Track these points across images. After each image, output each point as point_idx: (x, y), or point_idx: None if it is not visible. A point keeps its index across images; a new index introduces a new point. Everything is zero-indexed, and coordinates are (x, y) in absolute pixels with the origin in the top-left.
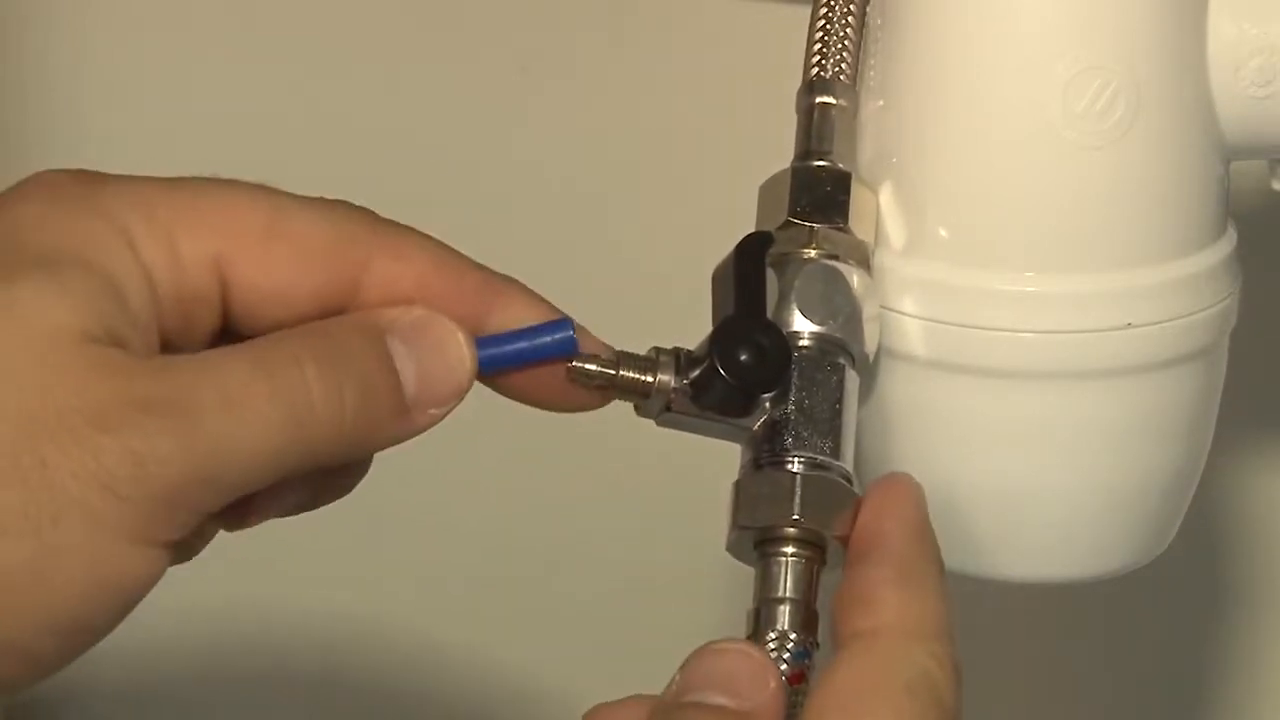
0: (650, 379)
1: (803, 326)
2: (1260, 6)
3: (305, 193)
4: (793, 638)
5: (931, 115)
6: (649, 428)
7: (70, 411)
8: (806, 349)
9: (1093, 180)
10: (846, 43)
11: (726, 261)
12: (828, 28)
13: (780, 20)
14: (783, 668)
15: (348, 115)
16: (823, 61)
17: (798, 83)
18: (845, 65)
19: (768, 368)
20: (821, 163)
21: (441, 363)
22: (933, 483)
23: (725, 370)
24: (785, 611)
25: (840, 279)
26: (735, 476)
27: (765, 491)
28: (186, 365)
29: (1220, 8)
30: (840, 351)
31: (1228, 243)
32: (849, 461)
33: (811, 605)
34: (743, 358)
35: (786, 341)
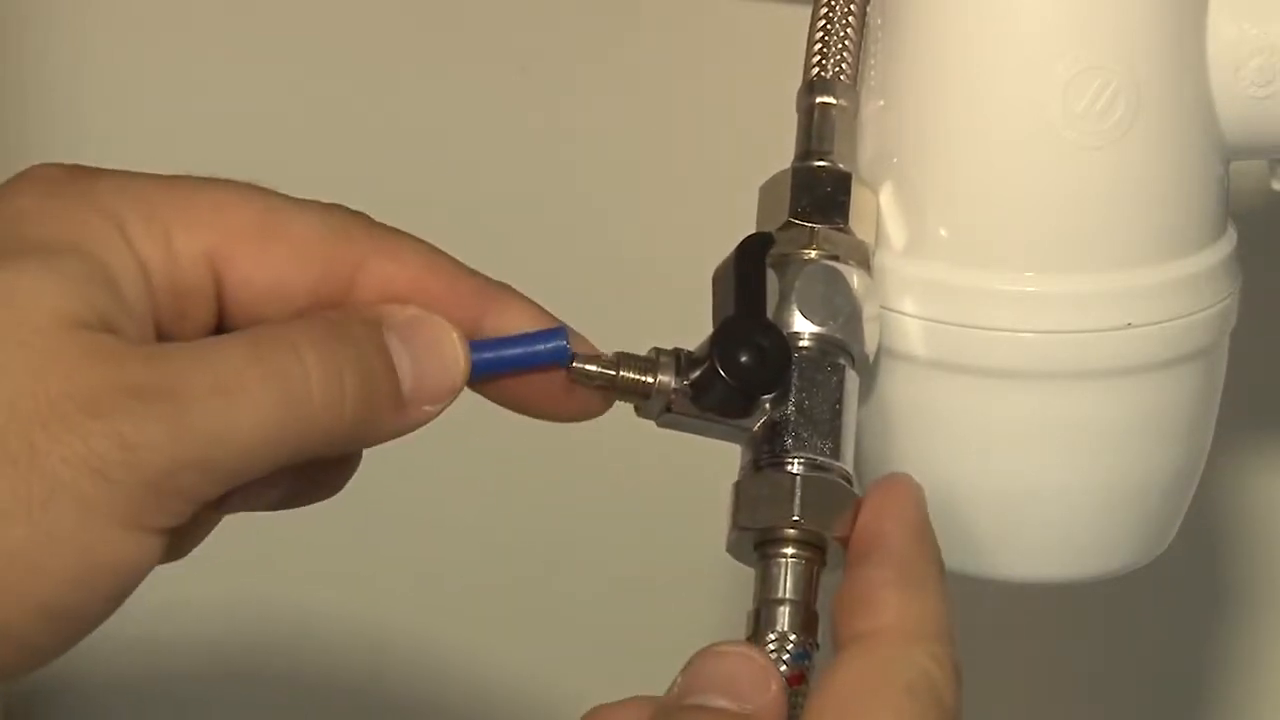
0: (650, 380)
1: (803, 327)
2: (1260, 6)
3: (305, 192)
4: (792, 639)
5: (932, 115)
6: (649, 428)
7: (61, 397)
8: (807, 350)
9: (1093, 180)
10: (847, 43)
11: (727, 262)
12: (828, 28)
13: (780, 20)
14: (782, 669)
15: (348, 115)
16: (823, 61)
17: (798, 83)
18: (846, 65)
19: (768, 369)
20: (822, 163)
21: (436, 360)
22: (933, 483)
23: (725, 371)
24: (785, 613)
25: (840, 280)
26: (735, 477)
27: (765, 493)
28: (180, 352)
29: (1220, 8)
30: (840, 352)
31: (1228, 243)
32: (849, 462)
33: (811, 606)
34: (743, 359)
35: (787, 342)
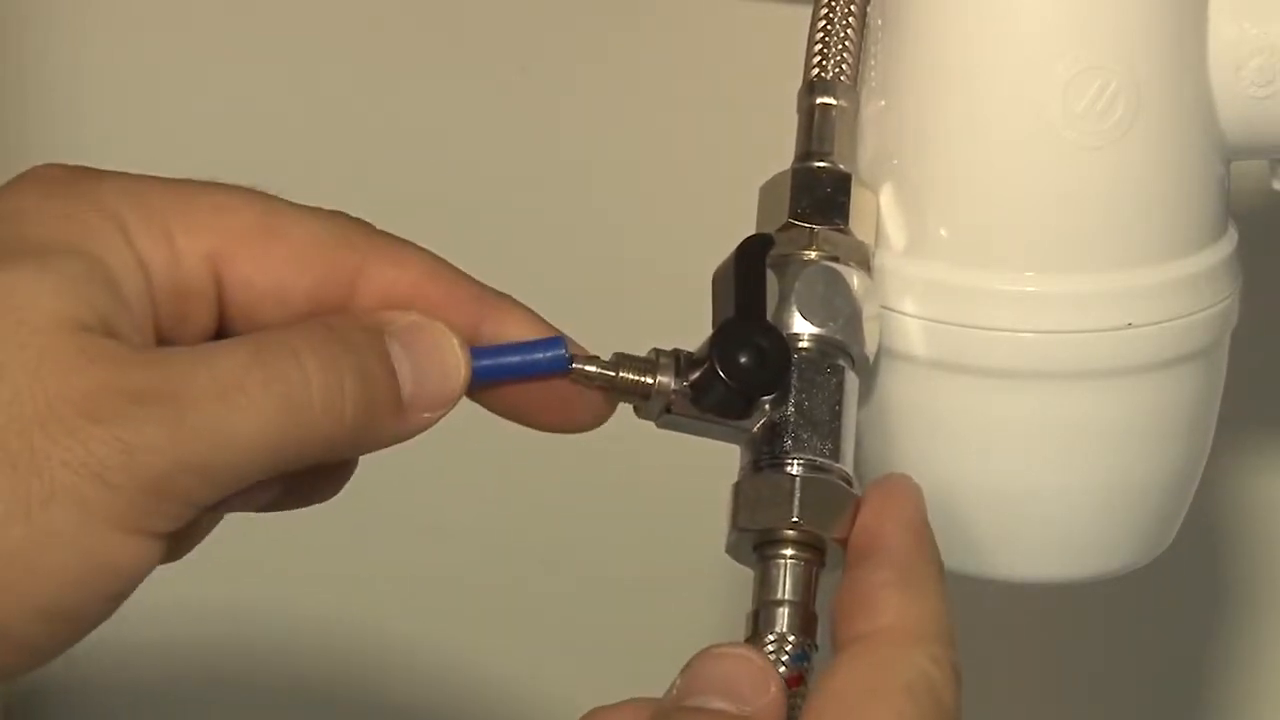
0: (650, 381)
1: (803, 328)
2: (1260, 6)
3: (306, 191)
4: (791, 640)
5: (932, 115)
6: (649, 429)
7: (61, 400)
8: (806, 351)
9: (1093, 180)
10: (847, 43)
11: (727, 263)
12: (828, 28)
13: (780, 20)
14: (781, 670)
15: (348, 115)
16: (823, 62)
17: (798, 83)
18: (846, 66)
19: (767, 370)
20: (822, 164)
21: (437, 366)
22: (933, 483)
23: (725, 372)
24: (784, 614)
25: (840, 281)
26: (735, 478)
27: (765, 494)
28: (180, 355)
29: (1220, 8)
30: (840, 353)
31: (1228, 243)
32: (849, 463)
33: (810, 607)
34: (743, 360)
35: (786, 343)
